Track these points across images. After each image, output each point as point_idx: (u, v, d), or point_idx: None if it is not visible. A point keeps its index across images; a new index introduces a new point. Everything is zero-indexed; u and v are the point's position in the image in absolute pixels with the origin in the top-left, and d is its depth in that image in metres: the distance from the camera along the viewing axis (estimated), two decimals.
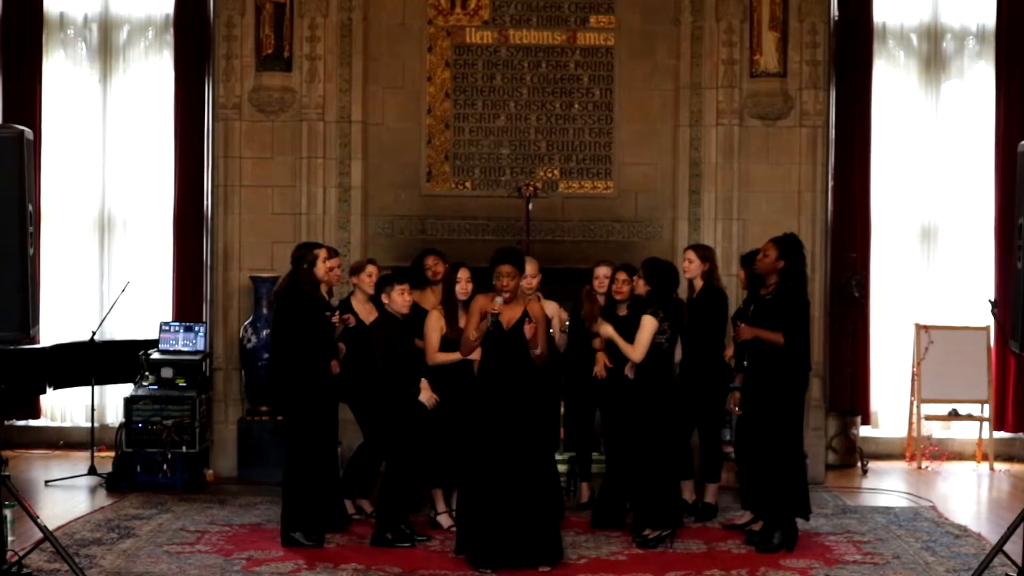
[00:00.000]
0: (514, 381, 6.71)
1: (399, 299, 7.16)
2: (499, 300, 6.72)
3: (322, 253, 7.22)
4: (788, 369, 7.12)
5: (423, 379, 7.20)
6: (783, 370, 7.11)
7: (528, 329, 6.68)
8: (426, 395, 7.17)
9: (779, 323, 7.09)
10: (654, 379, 7.10)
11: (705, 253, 7.95)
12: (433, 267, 7.79)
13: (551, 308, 7.51)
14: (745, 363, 7.38)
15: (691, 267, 7.81)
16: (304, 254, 7.20)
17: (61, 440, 10.16)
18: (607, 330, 7.27)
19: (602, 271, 7.84)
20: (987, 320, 9.88)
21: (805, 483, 7.43)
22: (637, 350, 7.05)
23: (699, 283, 7.82)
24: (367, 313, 7.55)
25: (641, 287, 7.18)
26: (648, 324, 7.05)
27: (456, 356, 7.19)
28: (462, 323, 7.42)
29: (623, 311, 7.48)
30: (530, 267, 7.40)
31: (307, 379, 7.02)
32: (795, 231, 7.68)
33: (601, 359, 7.60)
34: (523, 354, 6.75)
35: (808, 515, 7.38)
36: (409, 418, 7.13)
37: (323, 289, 7.39)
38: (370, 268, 7.66)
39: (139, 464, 8.67)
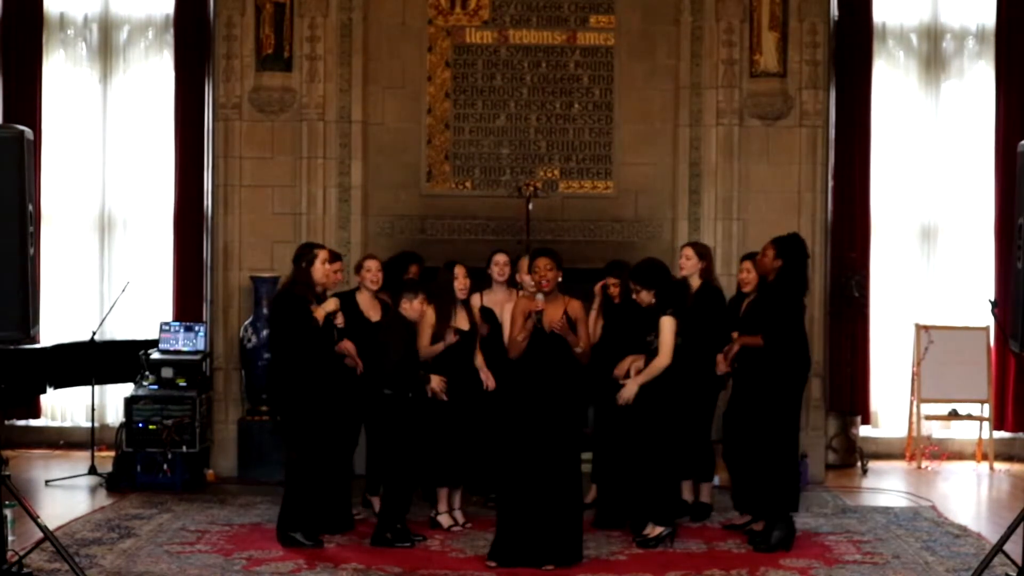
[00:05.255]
0: (554, 381, 6.72)
1: (419, 307, 7.23)
2: (540, 297, 6.73)
3: (322, 254, 7.21)
4: (775, 369, 7.11)
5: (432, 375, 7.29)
6: (770, 370, 7.11)
7: (555, 324, 6.68)
8: (436, 380, 7.26)
9: (759, 324, 7.12)
10: (672, 376, 7.10)
11: (702, 251, 7.94)
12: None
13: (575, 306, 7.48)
14: (735, 364, 7.40)
15: (688, 264, 7.80)
16: (303, 253, 7.21)
17: (61, 440, 10.16)
18: (632, 389, 7.12)
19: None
20: (987, 320, 9.88)
21: (797, 481, 7.43)
22: (663, 355, 7.03)
23: (695, 281, 7.81)
24: (371, 310, 7.55)
25: (646, 296, 7.14)
26: (668, 325, 7.03)
27: (440, 347, 7.30)
28: (461, 322, 7.44)
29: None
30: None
31: (301, 380, 7.01)
32: (795, 231, 7.68)
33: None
34: (564, 355, 6.76)
35: (796, 509, 7.38)
36: (408, 418, 7.14)
37: (320, 291, 7.37)
38: (368, 264, 7.65)
39: (139, 464, 8.67)
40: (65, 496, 8.47)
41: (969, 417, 10.11)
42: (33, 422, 10.22)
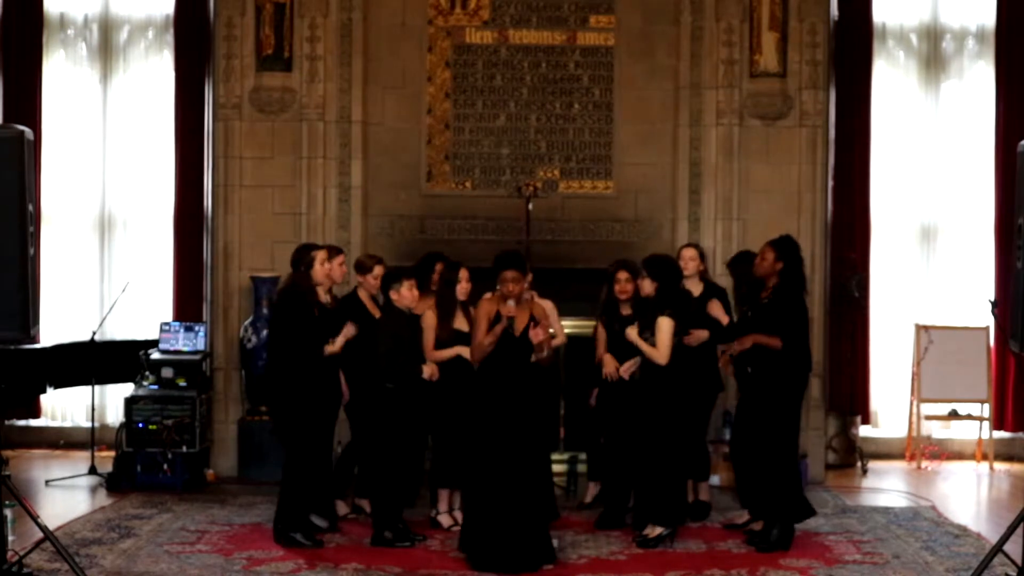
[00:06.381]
0: (522, 385, 6.74)
1: (408, 294, 7.19)
2: (511, 303, 6.74)
3: (320, 255, 7.22)
4: (786, 371, 7.13)
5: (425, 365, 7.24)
6: (781, 372, 7.13)
7: (535, 334, 6.71)
8: (428, 370, 7.20)
9: (777, 327, 7.11)
10: (671, 377, 7.10)
11: (703, 252, 8.04)
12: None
13: (547, 306, 7.50)
14: (749, 369, 7.36)
15: (691, 265, 7.83)
16: (301, 256, 7.21)
17: (61, 440, 10.16)
18: (631, 335, 7.19)
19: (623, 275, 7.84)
20: (987, 320, 9.88)
21: (800, 484, 7.42)
22: (662, 353, 7.04)
23: (697, 282, 7.83)
24: (374, 309, 7.56)
25: (648, 286, 7.16)
26: (666, 325, 7.04)
27: (452, 352, 7.25)
28: (459, 324, 7.43)
29: (626, 310, 7.52)
30: None
31: (302, 382, 7.01)
32: (795, 231, 7.72)
33: (611, 362, 7.60)
34: (530, 359, 6.79)
35: (814, 513, 7.37)
36: (406, 416, 7.14)
37: (325, 287, 7.38)
38: (377, 270, 7.62)
39: (139, 464, 8.67)
40: (65, 496, 8.47)
41: (969, 417, 10.11)
42: (33, 422, 10.22)
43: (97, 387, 9.16)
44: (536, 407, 6.82)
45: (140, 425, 8.70)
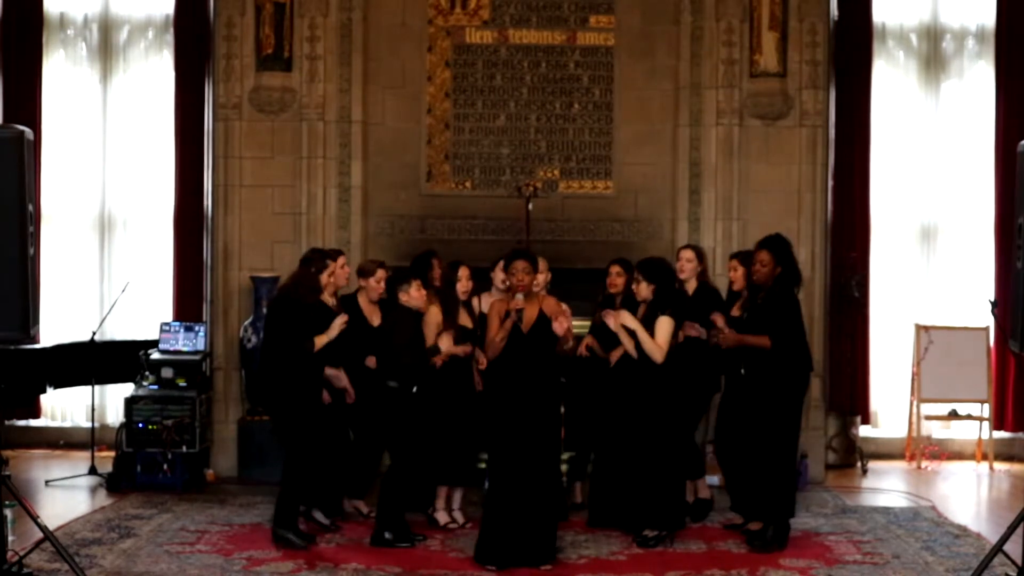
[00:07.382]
0: (533, 382, 6.74)
1: (417, 295, 7.20)
2: (520, 296, 6.77)
3: (332, 266, 7.23)
4: (781, 371, 7.12)
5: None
6: (776, 372, 7.11)
7: (559, 325, 6.72)
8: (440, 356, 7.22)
9: (767, 327, 7.12)
10: (667, 379, 7.10)
11: (701, 253, 8.02)
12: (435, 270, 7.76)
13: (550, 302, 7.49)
14: (743, 371, 7.37)
15: (688, 267, 7.82)
16: (315, 258, 7.22)
17: (61, 440, 10.16)
18: (626, 319, 7.13)
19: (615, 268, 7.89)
20: (987, 320, 9.88)
21: (794, 485, 7.42)
22: (660, 349, 7.04)
23: (692, 283, 7.83)
24: (372, 314, 7.56)
25: (645, 290, 7.16)
26: (666, 324, 7.04)
27: (455, 350, 7.26)
28: (463, 322, 7.44)
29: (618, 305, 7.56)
30: (539, 264, 7.46)
31: (299, 382, 6.99)
32: (795, 231, 7.72)
33: (587, 340, 7.63)
34: (541, 355, 6.79)
35: (793, 514, 7.39)
36: (414, 416, 7.14)
37: (330, 291, 7.36)
38: (380, 273, 7.61)
39: (139, 464, 8.67)
40: (65, 496, 8.47)
41: (969, 417, 10.11)
42: (33, 422, 10.22)
43: (97, 387, 9.16)
44: (546, 402, 6.80)
45: (140, 425, 8.71)
